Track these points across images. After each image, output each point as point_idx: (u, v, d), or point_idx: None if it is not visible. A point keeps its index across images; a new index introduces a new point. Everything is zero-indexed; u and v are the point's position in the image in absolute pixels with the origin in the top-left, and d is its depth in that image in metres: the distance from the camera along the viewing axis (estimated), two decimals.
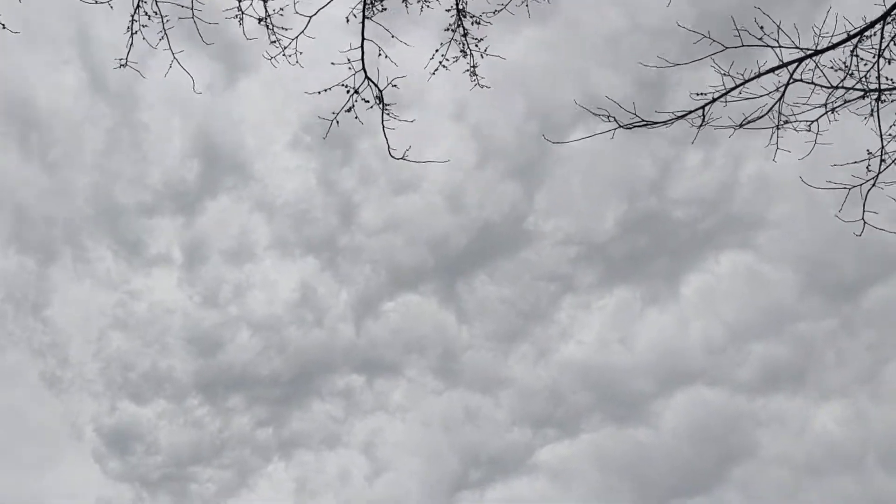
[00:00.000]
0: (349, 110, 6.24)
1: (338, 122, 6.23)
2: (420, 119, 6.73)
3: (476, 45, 6.61)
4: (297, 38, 6.23)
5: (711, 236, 18.26)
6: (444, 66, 6.56)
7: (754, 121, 5.97)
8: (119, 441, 18.40)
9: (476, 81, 6.69)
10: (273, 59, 6.28)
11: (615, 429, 17.91)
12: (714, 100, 6.00)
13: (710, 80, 6.20)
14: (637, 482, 17.17)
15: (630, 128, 6.14)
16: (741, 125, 6.02)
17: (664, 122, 6.07)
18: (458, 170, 19.28)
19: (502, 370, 18.92)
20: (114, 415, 18.70)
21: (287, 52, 6.26)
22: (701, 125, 6.08)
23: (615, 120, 6.14)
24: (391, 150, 6.38)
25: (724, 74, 5.89)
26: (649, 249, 18.79)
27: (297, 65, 6.28)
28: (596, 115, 6.18)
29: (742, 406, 16.92)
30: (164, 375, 19.02)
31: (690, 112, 6.05)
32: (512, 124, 18.51)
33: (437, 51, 6.56)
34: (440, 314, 19.51)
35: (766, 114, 5.96)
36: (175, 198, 19.53)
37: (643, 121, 6.10)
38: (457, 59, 6.63)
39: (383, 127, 6.34)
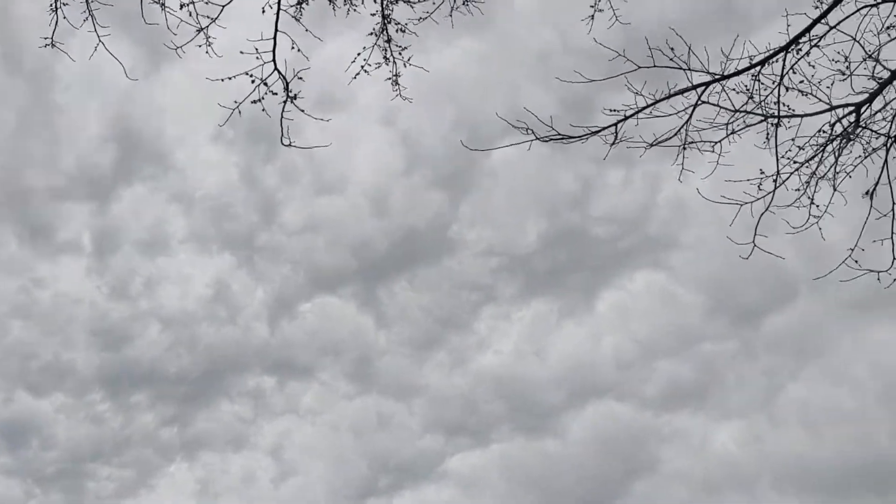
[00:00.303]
0: (255, 102, 6.11)
1: (240, 112, 6.11)
2: (349, 121, 6.64)
3: (399, 54, 6.54)
4: (207, 27, 6.07)
5: (628, 255, 18.74)
6: (365, 72, 6.44)
7: (664, 141, 6.19)
8: (12, 434, 17.55)
9: (398, 92, 6.61)
10: (179, 50, 6.10)
11: (525, 439, 18.13)
12: (626, 117, 6.20)
13: (631, 102, 6.41)
14: (543, 493, 17.39)
15: (546, 140, 6.30)
16: (652, 144, 6.24)
17: (579, 137, 6.25)
18: (385, 174, 19.23)
19: (417, 377, 18.91)
20: (9, 406, 17.84)
21: (197, 41, 6.11)
22: (614, 142, 6.27)
23: (532, 132, 6.27)
24: (282, 139, 6.25)
25: (637, 94, 6.09)
26: (568, 264, 19.15)
27: (209, 54, 6.12)
28: (515, 127, 6.32)
29: (647, 421, 17.37)
30: (65, 368, 18.26)
31: (604, 129, 6.23)
32: (440, 133, 18.60)
33: (358, 54, 6.46)
34: (358, 318, 19.39)
35: (675, 134, 6.18)
36: (88, 183, 18.83)
37: (559, 134, 6.24)
38: (379, 65, 6.55)
39: (282, 117, 6.21)
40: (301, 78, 6.13)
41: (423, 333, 19.19)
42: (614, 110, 6.22)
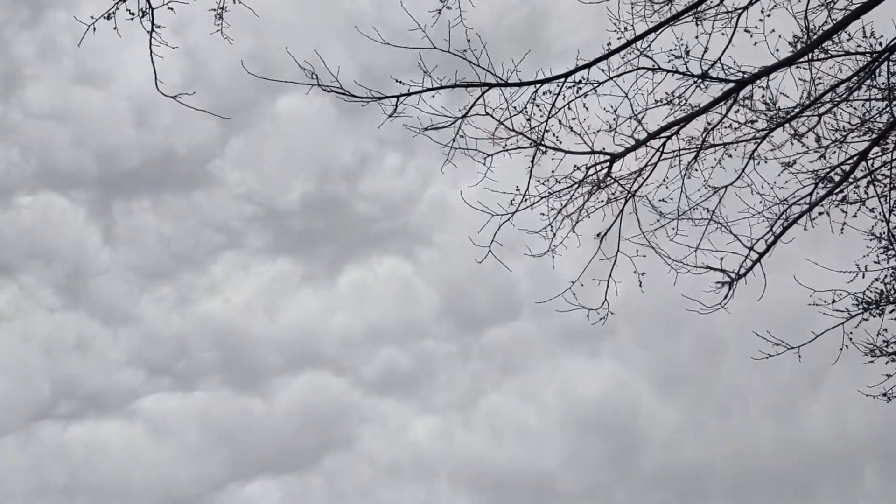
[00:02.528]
0: (109, 17, 5.44)
1: (94, 28, 5.40)
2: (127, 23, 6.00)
3: None
4: None
5: (382, 239, 19.03)
6: None
7: (437, 128, 6.35)
8: None
9: (219, 27, 6.14)
10: None
11: (231, 394, 17.67)
12: (409, 94, 6.33)
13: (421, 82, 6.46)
14: (234, 450, 17.08)
15: (328, 91, 6.25)
16: (426, 129, 6.38)
17: (360, 98, 6.23)
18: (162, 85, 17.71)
19: (134, 306, 17.66)
20: None
21: None
22: (392, 115, 6.33)
23: (317, 78, 6.17)
24: (158, 82, 5.72)
25: (426, 73, 6.26)
26: (323, 232, 19.01)
27: None
28: (301, 67, 6.17)
29: (355, 400, 17.74)
30: None
31: (385, 97, 6.29)
32: (232, 60, 17.54)
33: None
34: (84, 228, 17.68)
35: (451, 125, 6.36)
36: None
37: (342, 89, 6.21)
38: None
39: (151, 53, 5.64)
40: (172, 8, 5.50)
41: (153, 263, 17.99)
42: (399, 81, 6.31)
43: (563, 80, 6.24)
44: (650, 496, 15.62)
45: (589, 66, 6.25)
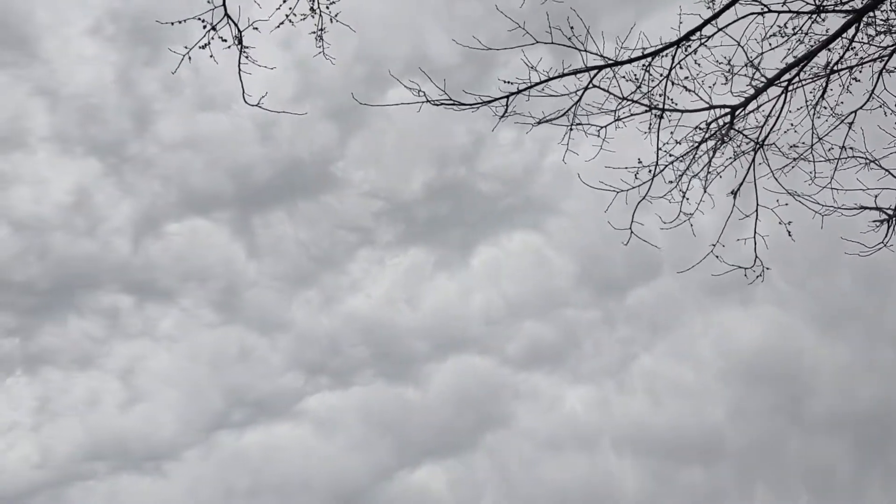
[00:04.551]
0: (204, 47, 5.77)
1: (189, 57, 5.77)
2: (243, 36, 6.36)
3: (327, 8, 6.31)
4: None
5: (508, 214, 19.06)
6: (290, 22, 6.21)
7: (551, 119, 6.29)
8: None
9: (321, 49, 6.40)
10: None
11: (385, 385, 18.34)
12: (518, 91, 6.30)
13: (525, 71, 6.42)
14: (397, 439, 17.74)
15: (437, 105, 6.30)
16: (539, 122, 6.36)
17: (470, 105, 6.31)
18: (274, 99, 18.47)
19: (285, 313, 18.66)
20: None
21: None
22: (503, 115, 6.36)
23: (425, 95, 6.32)
24: (246, 95, 6.00)
25: (532, 68, 6.13)
26: (450, 216, 19.27)
27: None
28: (408, 88, 6.33)
29: (506, 377, 17.96)
30: None
31: (495, 100, 6.31)
32: (339, 64, 18.01)
33: (284, 1, 6.17)
34: (229, 246, 18.83)
35: (564, 114, 6.28)
36: None
37: (451, 100, 6.30)
38: (305, 17, 6.33)
39: (239, 71, 5.95)
40: (257, 28, 5.81)
41: (296, 269, 18.91)
42: (508, 82, 6.29)
43: (674, 48, 6.00)
44: (826, 442, 14.93)
45: (700, 27, 5.96)
